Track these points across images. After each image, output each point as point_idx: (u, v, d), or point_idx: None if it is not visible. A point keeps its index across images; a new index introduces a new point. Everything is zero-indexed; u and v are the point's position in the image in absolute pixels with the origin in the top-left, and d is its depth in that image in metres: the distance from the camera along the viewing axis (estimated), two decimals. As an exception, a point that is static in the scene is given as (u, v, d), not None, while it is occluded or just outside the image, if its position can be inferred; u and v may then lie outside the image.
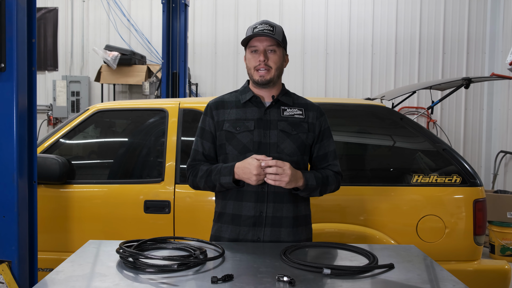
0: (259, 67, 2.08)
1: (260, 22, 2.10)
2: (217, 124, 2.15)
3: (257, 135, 2.08)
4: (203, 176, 2.10)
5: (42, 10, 7.95)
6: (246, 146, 2.08)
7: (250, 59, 2.11)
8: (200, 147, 2.17)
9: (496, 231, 5.32)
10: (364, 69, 7.59)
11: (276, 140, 2.08)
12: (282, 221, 2.08)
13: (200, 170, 2.12)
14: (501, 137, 7.18)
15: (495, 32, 7.35)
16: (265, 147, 2.07)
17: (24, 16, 2.25)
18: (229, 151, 2.11)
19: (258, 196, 2.07)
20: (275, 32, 2.08)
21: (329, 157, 2.18)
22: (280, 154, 2.06)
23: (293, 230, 2.10)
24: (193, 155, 2.19)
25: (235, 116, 2.13)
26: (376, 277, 1.62)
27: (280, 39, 2.09)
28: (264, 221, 2.07)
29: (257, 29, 2.07)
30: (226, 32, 7.72)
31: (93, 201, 3.11)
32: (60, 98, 7.77)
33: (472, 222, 2.96)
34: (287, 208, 2.09)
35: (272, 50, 2.08)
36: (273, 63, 2.09)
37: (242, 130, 2.09)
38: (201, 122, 2.20)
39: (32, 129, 2.32)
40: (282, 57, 2.14)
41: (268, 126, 2.10)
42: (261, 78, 2.08)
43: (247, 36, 2.08)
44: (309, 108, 2.18)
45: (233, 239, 2.09)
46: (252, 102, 2.14)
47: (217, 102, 2.20)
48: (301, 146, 2.11)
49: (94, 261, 1.79)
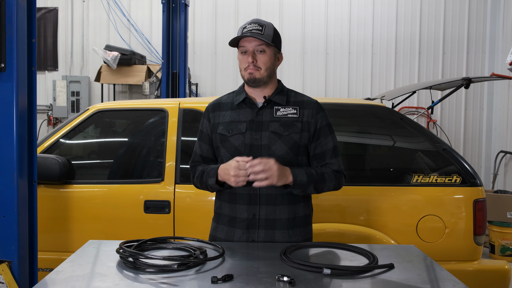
0: (248, 68, 2.05)
1: (250, 22, 2.06)
2: (212, 127, 2.16)
3: (249, 137, 2.06)
4: (198, 176, 2.15)
5: (42, 10, 7.95)
6: (238, 148, 2.06)
7: (240, 59, 2.10)
8: (198, 149, 2.21)
9: (496, 231, 5.32)
10: (364, 69, 7.59)
11: (267, 141, 2.05)
12: (276, 223, 2.06)
13: (197, 171, 2.18)
14: (501, 137, 7.17)
15: (495, 32, 7.35)
16: (256, 149, 2.05)
17: (24, 16, 2.25)
18: (223, 154, 2.11)
19: (251, 198, 2.06)
20: (264, 31, 2.03)
21: (326, 155, 2.10)
22: (271, 156, 2.01)
23: (288, 231, 2.07)
24: (192, 156, 2.25)
25: (229, 119, 2.12)
26: (376, 277, 1.62)
27: (270, 38, 2.04)
28: (258, 223, 2.06)
29: (246, 29, 2.04)
30: (226, 32, 7.72)
31: (93, 201, 3.11)
32: (60, 98, 7.77)
33: (472, 222, 2.96)
34: (280, 210, 2.06)
35: (261, 51, 2.04)
36: (263, 64, 2.05)
37: (234, 133, 2.08)
38: (200, 124, 2.24)
39: (32, 129, 2.32)
40: (273, 56, 2.08)
41: (259, 128, 2.07)
42: (250, 76, 2.05)
43: (235, 37, 2.06)
44: (305, 106, 2.12)
45: (228, 240, 2.09)
46: (246, 103, 2.12)
47: (214, 104, 2.21)
48: (294, 147, 2.07)
49: (94, 261, 1.79)
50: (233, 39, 2.07)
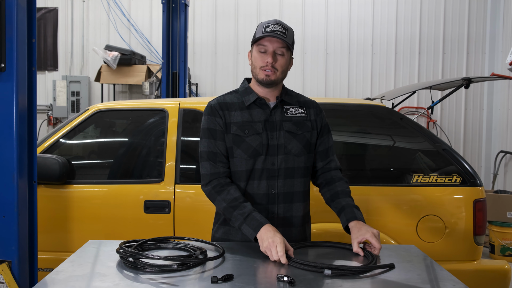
0: (266, 68, 2.03)
1: (273, 22, 2.03)
2: (225, 126, 2.08)
3: (265, 138, 2.06)
4: (226, 202, 1.98)
5: (42, 10, 7.95)
6: (256, 149, 2.04)
7: (257, 58, 2.05)
8: (217, 149, 2.06)
9: (496, 231, 5.32)
10: (364, 69, 7.59)
11: (283, 141, 2.07)
12: (293, 220, 2.09)
13: (227, 193, 2.00)
14: (501, 137, 7.17)
15: (495, 32, 7.35)
16: (273, 149, 2.05)
17: (24, 16, 2.25)
18: (238, 155, 2.05)
19: (269, 198, 2.06)
20: (287, 34, 2.02)
21: (329, 152, 2.19)
22: (287, 155, 2.06)
23: (302, 228, 2.13)
24: (211, 156, 2.05)
25: (241, 119, 2.07)
26: (376, 277, 1.62)
27: (291, 42, 2.04)
28: (276, 222, 2.05)
29: (270, 29, 2.00)
30: (226, 32, 7.72)
31: (93, 201, 3.11)
32: (60, 98, 7.77)
33: (472, 222, 2.96)
34: (296, 207, 2.10)
35: (281, 54, 2.03)
36: (280, 66, 2.04)
37: (251, 133, 2.05)
38: (208, 123, 2.09)
39: (32, 129, 2.32)
40: (289, 60, 2.09)
41: (274, 128, 2.08)
42: (266, 77, 2.03)
43: (259, 35, 2.01)
44: (309, 106, 2.18)
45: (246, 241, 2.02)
46: (257, 103, 2.10)
47: (221, 103, 2.12)
48: (307, 145, 2.11)
49: (94, 261, 1.79)
50: (260, 36, 2.01)
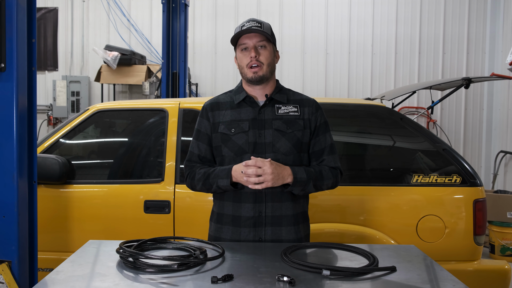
0: (251, 63, 2.06)
1: (247, 20, 2.10)
2: (213, 126, 2.15)
3: (252, 136, 2.07)
4: (201, 178, 2.11)
5: (42, 10, 7.95)
6: (241, 147, 2.07)
7: (241, 57, 2.10)
8: (196, 149, 2.17)
9: (496, 231, 5.32)
10: (364, 69, 7.59)
11: (271, 139, 2.07)
12: (282, 220, 2.08)
13: (197, 173, 2.13)
14: (501, 137, 7.18)
15: (495, 32, 7.35)
16: (260, 147, 2.06)
17: (24, 16, 2.25)
18: (225, 153, 2.10)
19: (256, 196, 2.06)
20: (263, 28, 2.07)
21: (324, 152, 2.14)
22: (275, 154, 2.05)
23: (294, 228, 2.10)
24: (189, 156, 2.20)
25: (229, 118, 2.12)
26: (376, 278, 1.62)
27: (270, 34, 2.09)
28: (264, 220, 2.06)
29: (245, 27, 2.06)
30: (226, 32, 7.71)
31: (93, 201, 3.11)
32: (60, 98, 7.77)
33: (472, 222, 2.96)
34: (286, 206, 2.08)
35: (262, 46, 2.07)
36: (265, 59, 2.07)
37: (237, 132, 2.08)
38: (197, 124, 2.20)
39: (32, 129, 2.32)
40: (273, 52, 2.12)
41: (262, 126, 2.08)
42: (254, 75, 2.06)
43: (235, 33, 2.08)
44: (304, 104, 2.16)
45: (235, 240, 2.08)
46: (246, 102, 2.13)
47: (212, 103, 2.19)
48: (297, 144, 2.09)
49: (94, 261, 1.79)
50: (235, 34, 2.08)
